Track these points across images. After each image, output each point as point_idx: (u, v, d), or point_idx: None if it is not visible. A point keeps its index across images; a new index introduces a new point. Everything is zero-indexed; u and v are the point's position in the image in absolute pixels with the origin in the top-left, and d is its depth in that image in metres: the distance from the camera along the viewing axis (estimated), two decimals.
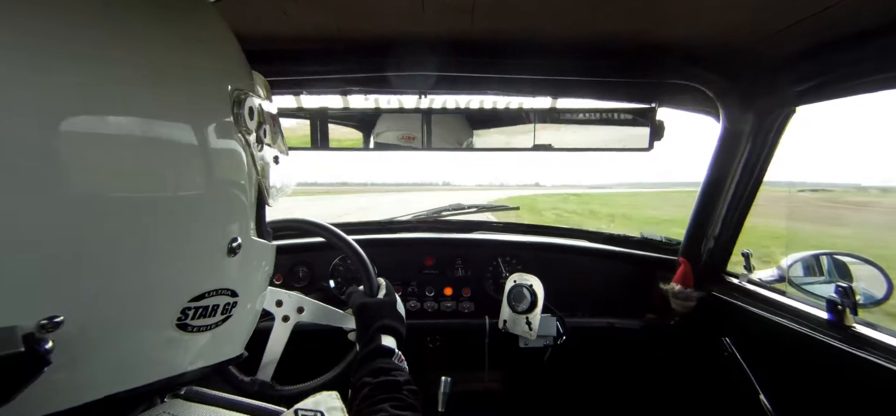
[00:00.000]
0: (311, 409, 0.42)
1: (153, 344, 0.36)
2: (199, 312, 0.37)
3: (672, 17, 0.84)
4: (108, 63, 0.30)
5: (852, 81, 0.85)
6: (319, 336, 1.06)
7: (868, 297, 1.04)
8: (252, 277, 0.44)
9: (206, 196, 0.36)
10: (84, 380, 0.32)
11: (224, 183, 0.38)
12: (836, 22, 0.77)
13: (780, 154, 1.12)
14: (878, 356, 0.80)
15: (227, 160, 0.38)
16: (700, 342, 1.32)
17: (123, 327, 0.33)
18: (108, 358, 0.33)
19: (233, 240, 0.39)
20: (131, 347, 0.34)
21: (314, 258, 1.43)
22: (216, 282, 0.38)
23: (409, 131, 1.21)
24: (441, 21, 0.88)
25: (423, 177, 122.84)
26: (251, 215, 0.43)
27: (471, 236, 1.61)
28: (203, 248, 0.37)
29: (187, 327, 0.37)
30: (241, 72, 0.42)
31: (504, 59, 1.03)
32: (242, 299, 0.42)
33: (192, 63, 0.36)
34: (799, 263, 1.24)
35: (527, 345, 1.32)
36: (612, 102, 1.20)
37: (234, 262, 0.40)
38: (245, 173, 0.40)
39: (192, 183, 0.35)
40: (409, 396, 0.65)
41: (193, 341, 0.39)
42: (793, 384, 1.02)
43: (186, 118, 0.35)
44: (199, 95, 0.36)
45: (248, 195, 0.41)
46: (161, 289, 0.35)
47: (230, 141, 0.38)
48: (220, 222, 0.38)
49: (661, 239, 1.55)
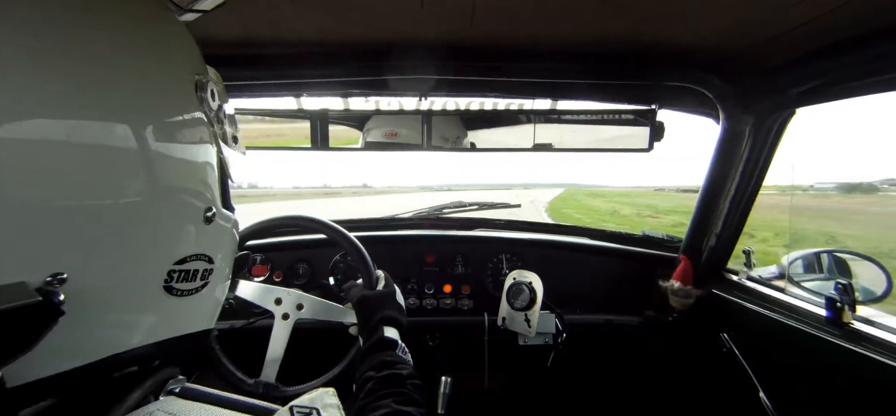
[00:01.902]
0: (306, 406, 0.42)
1: (144, 305, 0.39)
2: (183, 275, 0.41)
3: (672, 19, 0.84)
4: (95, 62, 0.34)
5: (852, 83, 0.85)
6: (321, 335, 1.07)
7: (867, 294, 1.04)
8: (224, 244, 0.48)
9: (187, 167, 0.41)
10: (85, 339, 0.35)
11: (199, 156, 0.43)
12: (835, 24, 0.77)
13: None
14: (877, 352, 0.81)
15: (200, 136, 0.43)
16: (699, 339, 1.32)
17: (119, 286, 0.36)
18: (107, 318, 0.36)
19: (208, 208, 0.44)
20: (126, 307, 0.38)
21: (314, 255, 1.44)
22: (195, 247, 0.42)
23: (394, 128, 1.22)
24: (440, 24, 0.88)
25: (424, 179, 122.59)
26: (218, 187, 0.47)
27: (471, 233, 1.61)
28: (185, 213, 0.41)
29: (173, 290, 0.40)
30: (198, 63, 0.46)
31: (504, 63, 1.03)
32: (217, 267, 0.46)
33: (167, 59, 0.42)
34: (799, 260, 1.24)
35: (526, 342, 1.33)
36: (612, 104, 1.20)
37: (209, 229, 0.44)
38: (213, 149, 0.45)
39: (178, 155, 0.40)
40: (412, 390, 0.65)
41: (177, 306, 0.42)
42: (791, 379, 1.02)
43: (171, 104, 0.40)
44: (176, 84, 0.42)
45: (214, 169, 0.46)
46: (151, 249, 0.38)
47: (201, 120, 0.44)
48: (198, 191, 0.43)
49: (663, 237, 1.55)
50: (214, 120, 0.46)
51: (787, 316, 1.02)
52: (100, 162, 0.33)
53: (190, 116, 0.42)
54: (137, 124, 0.35)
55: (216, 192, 0.46)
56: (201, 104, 0.44)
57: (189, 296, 0.43)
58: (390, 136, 1.22)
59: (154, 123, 0.37)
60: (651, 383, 1.50)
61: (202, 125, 0.44)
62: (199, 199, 0.43)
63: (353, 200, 21.54)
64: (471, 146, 1.26)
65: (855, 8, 0.71)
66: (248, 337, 1.11)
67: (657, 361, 1.47)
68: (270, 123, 1.24)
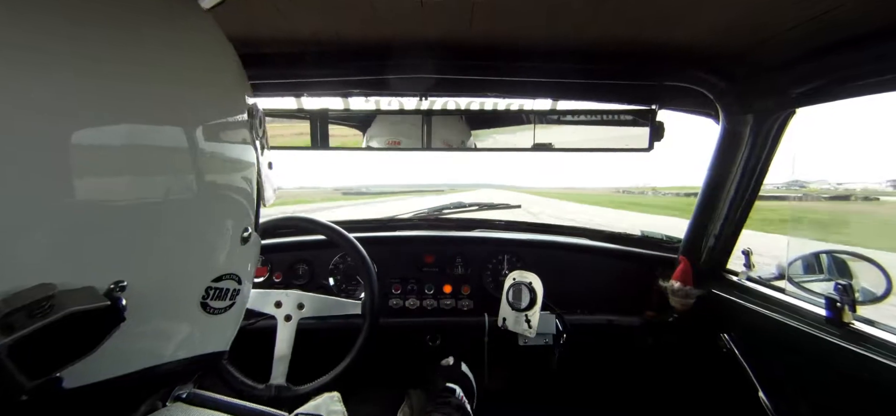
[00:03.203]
0: (311, 412, 0.42)
1: (183, 319, 0.41)
2: (217, 293, 0.42)
3: (671, 19, 0.84)
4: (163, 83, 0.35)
5: (851, 84, 0.85)
6: (326, 332, 1.07)
7: (867, 294, 1.04)
8: (251, 265, 0.49)
9: (236, 189, 0.43)
10: (129, 349, 0.36)
11: (246, 179, 0.44)
12: (835, 24, 0.77)
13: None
14: (876, 352, 0.81)
15: (248, 159, 0.44)
16: (699, 339, 1.32)
17: (167, 299, 0.37)
18: (151, 328, 0.37)
19: (245, 230, 0.44)
20: (168, 320, 0.39)
21: (314, 256, 1.44)
22: (230, 267, 0.43)
23: (396, 136, 1.22)
24: (440, 24, 0.88)
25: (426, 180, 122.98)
26: (254, 207, 0.47)
27: (471, 233, 1.61)
28: (230, 231, 0.42)
29: (207, 307, 0.41)
30: (247, 83, 0.46)
31: (504, 63, 1.03)
32: (243, 289, 0.46)
33: (219, 80, 0.42)
34: (799, 261, 1.24)
35: (526, 343, 1.33)
36: (611, 104, 1.20)
37: (244, 250, 0.45)
38: (255, 170, 0.46)
39: (229, 178, 0.42)
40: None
41: (209, 324, 0.43)
42: (790, 379, 1.02)
43: (229, 127, 0.42)
44: (231, 106, 0.43)
45: (254, 190, 0.46)
46: (197, 264, 0.40)
47: (249, 144, 0.45)
48: (242, 213, 0.44)
49: (662, 238, 1.55)
50: (259, 143, 0.47)
51: (787, 316, 1.02)
52: (161, 168, 0.34)
53: (241, 136, 0.44)
54: (197, 137, 0.37)
55: (252, 214, 0.46)
56: (251, 129, 0.45)
57: (218, 315, 0.43)
58: (393, 144, 1.22)
59: (212, 141, 0.39)
60: (651, 383, 1.51)
61: (249, 146, 0.45)
62: (244, 218, 0.44)
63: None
64: (471, 146, 1.27)
65: (855, 8, 0.71)
66: (250, 342, 1.11)
67: (657, 361, 1.47)
68: (270, 123, 1.24)
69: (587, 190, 62.72)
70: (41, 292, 0.27)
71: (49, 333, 0.26)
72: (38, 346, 0.26)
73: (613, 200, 33.32)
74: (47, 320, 0.26)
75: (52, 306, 0.27)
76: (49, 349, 0.28)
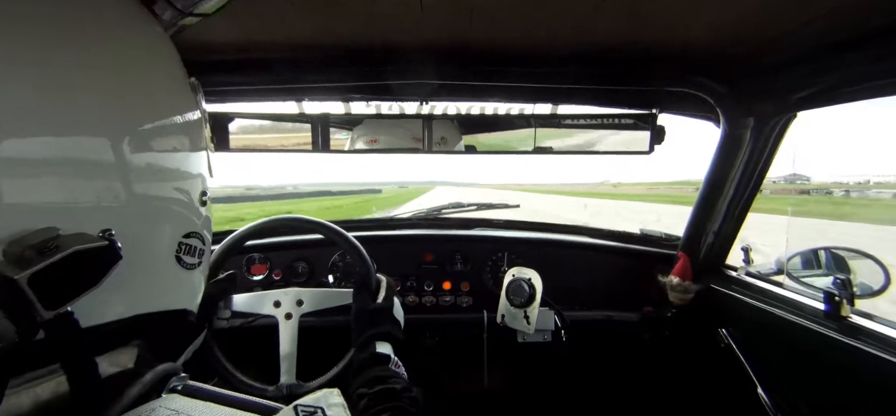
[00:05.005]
0: (311, 405, 0.42)
1: (162, 271, 0.45)
2: (188, 249, 0.47)
3: (671, 24, 0.83)
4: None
5: (851, 87, 0.85)
6: (330, 330, 1.08)
7: (865, 289, 1.04)
8: (209, 230, 0.54)
9: (195, 154, 0.48)
10: (116, 296, 0.39)
11: (199, 146, 0.49)
12: (835, 28, 0.77)
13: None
14: (874, 346, 0.81)
15: (199, 130, 0.49)
16: (697, 334, 1.33)
17: (147, 248, 0.42)
18: (135, 279, 0.41)
19: (203, 192, 0.50)
20: (149, 270, 0.43)
21: (313, 254, 1.45)
22: (195, 225, 0.48)
23: (396, 139, 1.23)
24: (440, 29, 0.88)
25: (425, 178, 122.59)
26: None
27: (470, 232, 1.62)
28: (190, 192, 0.47)
29: (181, 261, 0.46)
30: (183, 67, 0.51)
31: (504, 68, 1.03)
32: (206, 249, 0.51)
33: (171, 72, 0.47)
34: (797, 256, 1.24)
35: (525, 339, 1.34)
36: (612, 108, 1.20)
37: (203, 212, 0.50)
38: (204, 144, 0.51)
39: (188, 144, 0.47)
40: (408, 404, 0.65)
41: (182, 279, 0.47)
42: (789, 374, 1.03)
43: (185, 103, 0.47)
44: (181, 88, 0.48)
45: (205, 162, 0.52)
46: (169, 222, 0.45)
47: (199, 118, 0.50)
48: (198, 175, 0.49)
49: (661, 235, 1.56)
50: (205, 120, 0.52)
51: (786, 311, 1.03)
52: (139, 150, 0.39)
53: (197, 118, 0.49)
54: (150, 120, 0.41)
55: (207, 181, 0.52)
56: (198, 105, 0.50)
57: (189, 271, 0.48)
58: (393, 147, 1.23)
59: (155, 122, 0.43)
60: (650, 378, 1.52)
61: (202, 123, 0.50)
62: (199, 183, 0.49)
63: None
64: (471, 149, 1.26)
65: (855, 12, 0.71)
66: (252, 346, 1.11)
67: (656, 356, 1.48)
68: (271, 126, 1.25)
69: (580, 186, 62.71)
70: (46, 234, 0.30)
71: (58, 269, 0.30)
72: (50, 280, 0.29)
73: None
74: (58, 257, 0.30)
75: (57, 247, 0.30)
76: (60, 283, 0.31)
